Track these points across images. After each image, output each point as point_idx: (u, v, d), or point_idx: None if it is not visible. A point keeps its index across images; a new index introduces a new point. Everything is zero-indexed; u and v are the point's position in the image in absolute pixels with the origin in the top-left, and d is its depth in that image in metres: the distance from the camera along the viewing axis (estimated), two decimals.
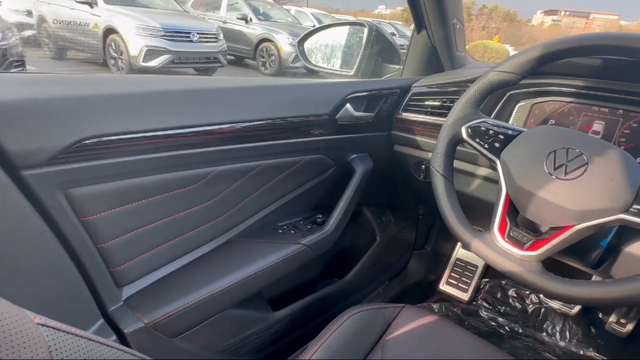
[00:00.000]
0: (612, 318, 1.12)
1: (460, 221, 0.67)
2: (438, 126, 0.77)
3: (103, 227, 0.62)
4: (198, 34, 5.66)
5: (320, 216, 0.99)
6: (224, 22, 7.63)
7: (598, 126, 0.79)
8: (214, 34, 5.94)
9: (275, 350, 0.97)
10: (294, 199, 0.95)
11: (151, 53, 5.21)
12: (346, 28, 1.24)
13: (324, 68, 1.27)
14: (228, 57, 6.62)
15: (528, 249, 0.59)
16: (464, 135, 0.68)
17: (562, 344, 1.21)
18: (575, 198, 0.55)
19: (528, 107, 0.87)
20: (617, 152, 0.56)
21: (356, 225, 1.18)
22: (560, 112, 0.84)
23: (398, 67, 1.14)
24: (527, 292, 1.33)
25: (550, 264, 0.60)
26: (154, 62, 5.27)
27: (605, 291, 0.52)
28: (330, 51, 1.33)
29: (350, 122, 0.94)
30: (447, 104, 0.93)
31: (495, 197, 0.65)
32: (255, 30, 7.45)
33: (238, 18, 7.59)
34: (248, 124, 0.76)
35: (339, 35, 1.27)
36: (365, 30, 1.14)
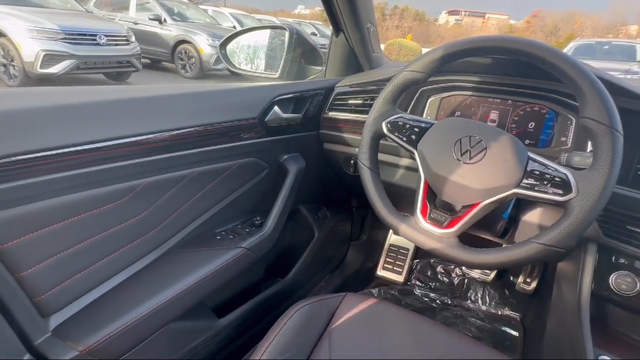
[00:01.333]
0: (520, 279, 1.31)
1: (388, 209, 0.74)
2: (362, 123, 0.83)
3: (21, 254, 0.57)
4: (105, 36, 5.19)
5: (258, 218, 1.00)
6: (135, 23, 7.12)
7: (494, 115, 0.92)
8: (124, 36, 5.50)
9: (224, 356, 0.96)
10: (231, 204, 0.95)
11: (50, 58, 4.66)
12: (267, 31, 1.26)
13: (248, 71, 1.28)
14: (143, 60, 6.19)
15: (446, 227, 0.67)
16: (385, 130, 0.75)
17: (483, 307, 1.37)
18: (479, 179, 0.64)
19: (438, 102, 0.98)
20: (508, 137, 0.66)
21: (294, 223, 1.21)
22: (464, 104, 0.96)
23: (320, 68, 1.19)
24: (452, 267, 1.48)
25: (466, 239, 0.69)
26: (55, 69, 4.72)
27: (507, 255, 0.61)
28: (253, 54, 1.33)
29: (279, 124, 0.97)
30: (368, 102, 1.00)
31: (416, 184, 0.73)
32: (171, 31, 7.07)
33: (150, 19, 7.13)
34: (177, 132, 0.74)
35: (261, 38, 1.28)
36: (287, 34, 1.17)
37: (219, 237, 0.90)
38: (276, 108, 0.94)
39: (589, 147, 0.76)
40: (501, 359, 0.71)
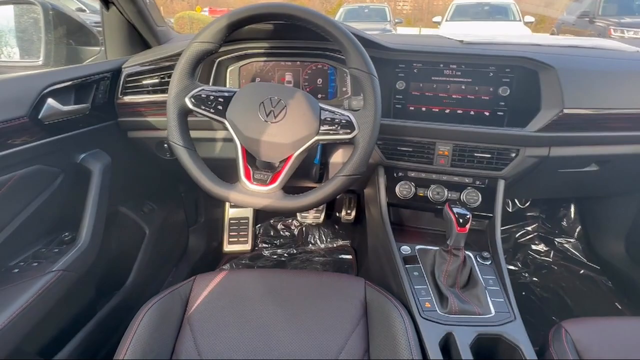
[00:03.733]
0: (343, 213, 1.56)
1: (214, 181, 0.75)
2: (164, 103, 0.79)
3: None
4: None
5: (67, 234, 0.85)
6: None
7: (289, 77, 1.02)
8: None
9: None
10: (23, 227, 0.77)
11: None
12: (10, 8, 1.00)
13: None
14: None
15: (270, 183, 0.73)
16: (190, 105, 0.73)
17: (322, 245, 1.59)
18: (287, 134, 0.72)
19: (237, 70, 1.01)
20: (302, 93, 0.75)
21: (118, 227, 1.08)
22: (262, 70, 1.02)
23: (98, 49, 1.04)
24: (290, 221, 1.63)
25: (291, 190, 0.78)
26: None
27: (323, 192, 0.73)
28: None
29: (60, 119, 0.81)
30: (166, 79, 0.95)
31: (235, 152, 0.76)
32: None
33: None
34: None
35: (2, 18, 1.01)
36: (40, 10, 0.96)
37: (16, 270, 0.73)
38: (51, 101, 0.78)
39: None
40: (340, 276, 0.85)
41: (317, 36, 0.73)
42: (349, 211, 1.55)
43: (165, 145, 1.01)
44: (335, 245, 1.58)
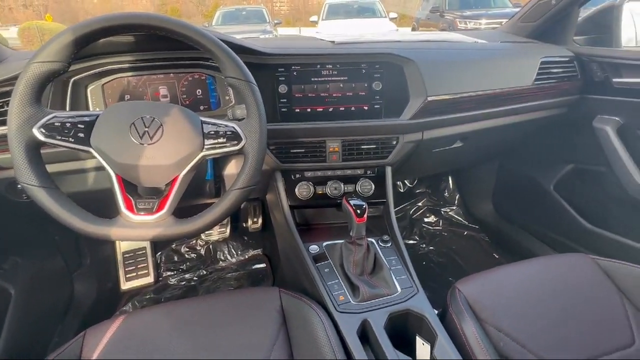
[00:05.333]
0: (249, 222, 1.52)
1: (87, 219, 0.65)
2: (5, 137, 0.65)
3: None
4: None
5: None
6: None
7: (164, 90, 0.94)
8: None
9: None
10: None
11: None
12: None
13: None
14: None
15: (157, 211, 0.66)
16: (41, 137, 0.62)
17: (234, 260, 1.52)
18: (167, 154, 0.66)
19: (99, 89, 0.89)
20: (178, 109, 0.70)
21: None
22: (131, 86, 0.92)
23: None
24: (194, 241, 1.53)
25: (185, 211, 0.72)
26: None
27: (219, 209, 0.69)
28: None
29: None
30: (5, 108, 0.79)
31: (110, 182, 0.67)
32: None
33: None
34: None
35: None
36: None
37: None
38: None
39: None
40: (256, 291, 0.82)
41: (188, 45, 0.69)
42: (255, 219, 1.52)
43: (19, 186, 0.85)
44: (247, 257, 1.53)
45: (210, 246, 1.52)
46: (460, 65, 1.03)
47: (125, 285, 1.35)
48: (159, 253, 1.46)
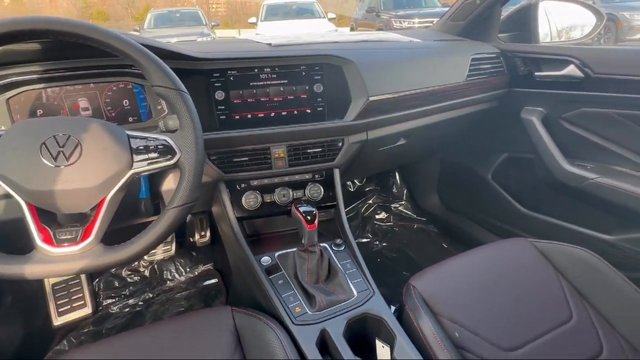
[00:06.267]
0: (197, 236, 1.43)
1: None
2: None
3: None
4: None
5: None
6: None
7: (84, 103, 0.84)
8: None
9: None
10: None
11: None
12: None
13: None
14: None
15: (82, 240, 0.59)
16: None
17: (182, 278, 1.43)
18: (89, 176, 0.58)
19: (4, 105, 0.78)
20: (99, 124, 0.62)
21: None
22: (43, 99, 0.81)
23: None
24: (137, 263, 1.41)
25: (118, 236, 0.65)
26: None
27: (155, 232, 0.63)
28: None
29: None
30: None
31: (21, 212, 0.58)
32: None
33: None
34: None
35: None
36: None
37: None
38: None
39: None
40: (208, 316, 0.76)
41: (104, 52, 0.62)
42: (202, 233, 1.44)
43: None
44: (197, 274, 1.44)
45: (155, 266, 1.41)
46: (398, 65, 1.05)
47: (58, 321, 1.21)
48: (96, 280, 1.33)
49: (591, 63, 1.08)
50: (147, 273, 1.40)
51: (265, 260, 0.89)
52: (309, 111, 0.95)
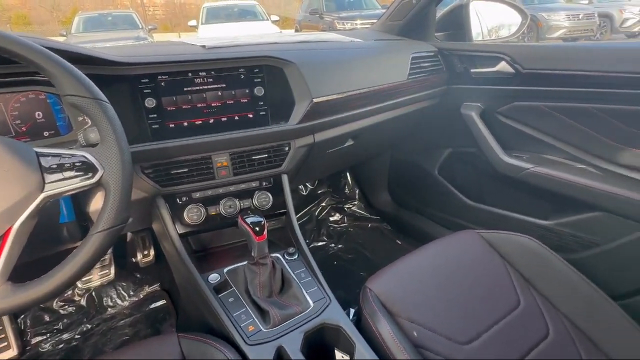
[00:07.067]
0: (139, 257, 1.32)
1: None
2: None
3: None
4: None
5: None
6: None
7: None
8: None
9: None
10: None
11: None
12: None
13: None
14: None
15: None
16: None
17: (126, 303, 1.31)
18: None
19: None
20: None
21: None
22: None
23: None
24: (70, 292, 1.27)
25: (34, 268, 0.56)
26: None
27: (76, 262, 0.55)
28: None
29: None
30: None
31: None
32: None
33: None
34: None
35: None
36: None
37: None
38: None
39: None
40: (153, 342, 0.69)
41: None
42: (146, 252, 1.33)
43: None
44: (142, 296, 1.33)
45: (93, 293, 1.28)
46: (341, 65, 1.03)
47: None
48: (21, 317, 1.18)
49: (520, 59, 1.14)
50: (83, 302, 1.26)
51: (214, 277, 0.83)
52: (251, 116, 0.90)
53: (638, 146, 0.99)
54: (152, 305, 1.29)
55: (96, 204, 0.79)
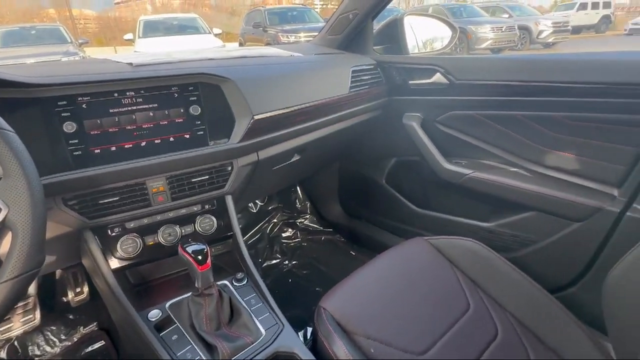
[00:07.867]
0: (71, 295, 1.18)
1: None
2: None
3: None
4: None
5: None
6: None
7: None
8: None
9: None
10: None
11: None
12: None
13: None
14: None
15: None
16: None
17: (57, 350, 1.16)
18: None
19: None
20: None
21: None
22: None
23: None
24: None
25: None
26: None
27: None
28: None
29: None
30: None
31: None
32: None
33: None
34: None
35: None
36: None
37: None
38: None
39: None
40: None
41: None
42: (78, 289, 1.20)
43: None
44: (76, 339, 1.19)
45: (15, 343, 1.12)
46: (281, 80, 1.01)
47: None
48: None
49: (453, 71, 1.20)
50: (3, 354, 1.10)
51: (154, 314, 0.76)
52: (187, 136, 0.84)
53: (562, 149, 1.07)
54: (89, 349, 1.16)
55: (5, 246, 0.69)
